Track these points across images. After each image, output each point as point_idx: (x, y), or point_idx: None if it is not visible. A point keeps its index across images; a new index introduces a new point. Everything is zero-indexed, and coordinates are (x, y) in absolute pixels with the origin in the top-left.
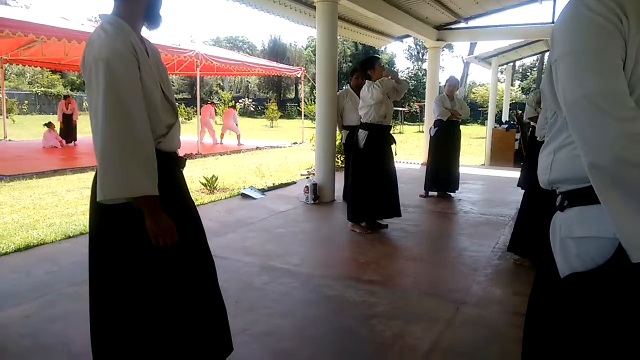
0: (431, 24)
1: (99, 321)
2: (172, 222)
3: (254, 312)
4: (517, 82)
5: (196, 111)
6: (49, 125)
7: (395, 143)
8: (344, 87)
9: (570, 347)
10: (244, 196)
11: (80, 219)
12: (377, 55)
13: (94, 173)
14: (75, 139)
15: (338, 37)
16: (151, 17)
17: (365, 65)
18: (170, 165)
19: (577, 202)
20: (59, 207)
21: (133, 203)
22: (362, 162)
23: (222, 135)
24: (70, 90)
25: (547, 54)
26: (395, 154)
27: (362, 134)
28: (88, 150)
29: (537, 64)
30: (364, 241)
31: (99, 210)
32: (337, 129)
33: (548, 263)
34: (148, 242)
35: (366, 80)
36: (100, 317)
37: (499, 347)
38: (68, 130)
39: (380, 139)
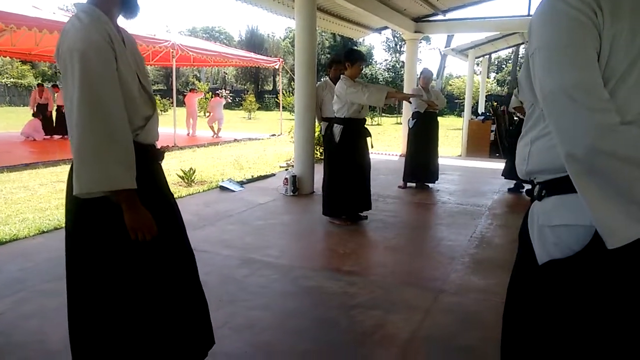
0: (409, 16)
1: (77, 317)
2: (151, 216)
3: (234, 305)
4: (492, 75)
5: (172, 103)
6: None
7: (371, 136)
8: (322, 79)
9: (548, 333)
10: (223, 189)
11: (54, 213)
12: (359, 50)
13: (68, 167)
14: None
15: (317, 29)
16: (128, 6)
17: (348, 56)
18: (148, 158)
19: (554, 192)
20: (32, 201)
21: (111, 197)
22: (338, 156)
23: (211, 126)
24: (42, 81)
25: (522, 46)
26: (372, 147)
27: (337, 129)
28: (61, 144)
29: (512, 57)
30: (343, 233)
31: (75, 205)
32: (316, 120)
33: (526, 251)
34: (126, 237)
35: (341, 74)
36: (78, 313)
37: (478, 333)
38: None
39: (355, 133)
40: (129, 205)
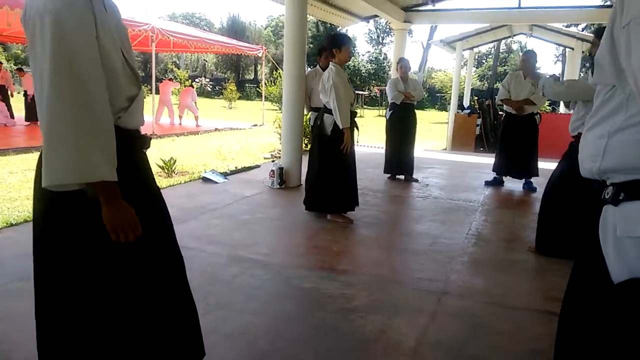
0: (399, 5)
1: (46, 326)
2: (135, 212)
3: (224, 308)
4: (472, 69)
5: (150, 89)
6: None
7: (358, 130)
8: (309, 68)
9: None
10: (205, 180)
11: (24, 204)
12: (342, 33)
13: (39, 153)
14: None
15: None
16: None
17: (333, 42)
18: (131, 145)
19: (638, 196)
20: (0, 191)
21: (87, 190)
22: (332, 149)
23: (180, 116)
24: (14, 65)
25: (508, 39)
26: (357, 142)
27: (328, 120)
28: (32, 130)
29: (493, 51)
30: (335, 229)
31: (45, 197)
32: (305, 110)
33: (592, 264)
34: (106, 237)
35: (330, 62)
36: (48, 321)
37: (487, 341)
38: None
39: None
40: (108, 200)
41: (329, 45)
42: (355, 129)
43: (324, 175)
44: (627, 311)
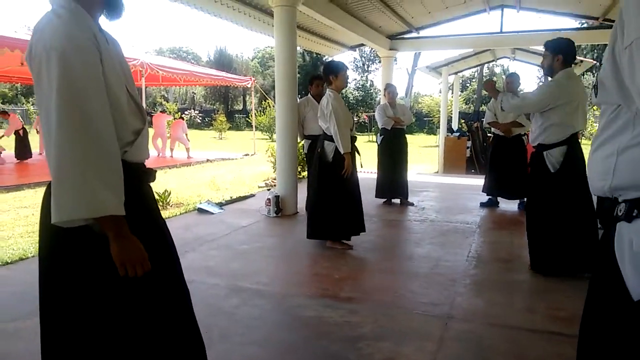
0: (384, 34)
1: None
2: (143, 246)
3: (227, 341)
4: (458, 93)
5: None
6: None
7: (360, 154)
8: (300, 96)
9: None
10: (201, 211)
11: (18, 242)
12: (336, 60)
13: (32, 191)
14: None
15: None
16: (112, 4)
17: (329, 69)
18: (138, 178)
19: None
20: None
21: (93, 226)
22: (333, 176)
23: (171, 149)
24: (2, 104)
25: (490, 64)
26: (361, 167)
27: (329, 147)
28: (21, 168)
29: (476, 75)
30: (334, 256)
31: (52, 233)
32: (298, 137)
33: (610, 281)
34: (114, 272)
35: (327, 89)
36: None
37: None
38: None
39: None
40: (116, 235)
41: (325, 73)
42: (356, 153)
43: (323, 201)
44: None
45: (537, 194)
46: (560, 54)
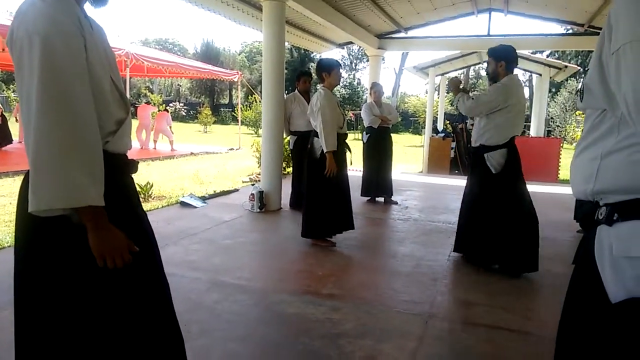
0: (373, 32)
1: (27, 357)
2: (125, 237)
3: (207, 336)
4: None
5: None
6: None
7: (351, 152)
8: (287, 92)
9: None
10: (183, 204)
11: None
12: (330, 58)
13: (10, 179)
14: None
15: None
16: None
17: (322, 67)
18: (119, 169)
19: (632, 215)
20: None
21: (71, 216)
22: (321, 172)
23: (155, 141)
24: None
25: (478, 66)
26: (351, 163)
27: (317, 143)
28: (3, 154)
29: (462, 77)
30: (318, 252)
31: (29, 223)
32: (284, 133)
33: (589, 284)
34: (91, 262)
35: (319, 86)
36: (29, 352)
37: None
38: None
39: (337, 149)
40: (95, 226)
41: (318, 69)
42: (347, 150)
43: (311, 199)
44: (625, 331)
45: (477, 192)
46: (502, 60)
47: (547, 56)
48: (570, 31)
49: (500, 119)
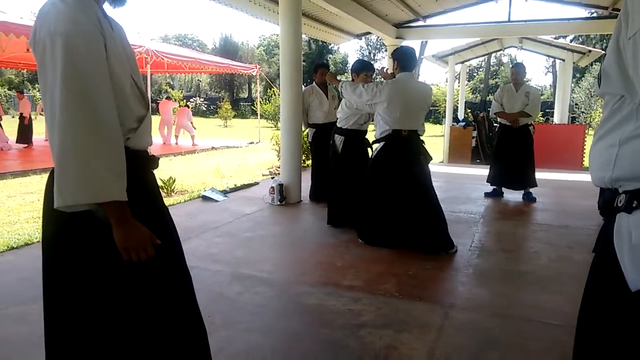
0: (391, 22)
1: (57, 350)
2: (148, 231)
3: (229, 327)
4: (465, 82)
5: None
6: None
7: (372, 148)
8: (304, 85)
9: None
10: (205, 199)
11: (24, 227)
12: (363, 59)
13: (38, 177)
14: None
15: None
16: None
17: (352, 69)
18: (140, 165)
19: None
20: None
21: (96, 212)
22: (343, 166)
23: (176, 136)
24: (8, 89)
25: (498, 53)
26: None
27: (338, 139)
28: (26, 154)
29: (483, 65)
30: (338, 244)
31: (55, 219)
32: (303, 126)
33: (608, 272)
34: (116, 257)
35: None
36: (58, 344)
37: (497, 354)
38: None
39: (356, 146)
40: (119, 221)
41: (353, 70)
42: (369, 147)
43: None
44: None
45: (376, 177)
46: (396, 60)
47: (571, 41)
48: (594, 15)
49: (381, 113)
